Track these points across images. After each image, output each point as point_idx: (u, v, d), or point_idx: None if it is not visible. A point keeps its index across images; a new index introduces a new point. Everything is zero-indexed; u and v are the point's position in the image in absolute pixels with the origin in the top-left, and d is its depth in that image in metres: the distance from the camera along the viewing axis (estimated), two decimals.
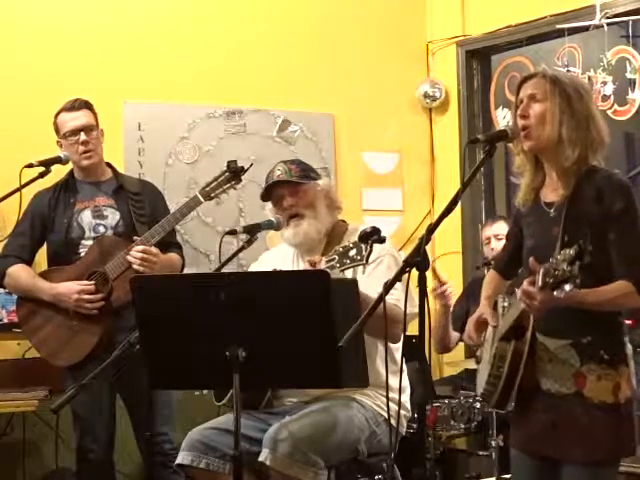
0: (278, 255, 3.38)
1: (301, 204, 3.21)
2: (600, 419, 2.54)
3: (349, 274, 2.96)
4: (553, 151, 2.62)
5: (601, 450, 2.55)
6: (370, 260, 2.69)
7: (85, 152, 3.67)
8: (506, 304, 2.75)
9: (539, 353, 2.63)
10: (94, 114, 3.75)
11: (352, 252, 2.70)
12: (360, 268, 2.82)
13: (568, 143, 2.58)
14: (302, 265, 3.23)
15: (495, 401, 2.68)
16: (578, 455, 2.55)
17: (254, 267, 3.45)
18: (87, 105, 3.73)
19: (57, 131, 3.73)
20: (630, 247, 2.53)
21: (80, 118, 3.68)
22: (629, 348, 2.64)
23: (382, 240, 2.59)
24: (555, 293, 2.29)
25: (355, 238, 2.69)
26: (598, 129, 2.61)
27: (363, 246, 2.65)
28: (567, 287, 2.24)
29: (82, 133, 3.66)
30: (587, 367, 2.56)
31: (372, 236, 2.58)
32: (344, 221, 3.34)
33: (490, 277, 2.98)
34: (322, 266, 2.79)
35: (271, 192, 3.28)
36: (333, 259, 2.76)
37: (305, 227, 3.20)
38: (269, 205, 3.32)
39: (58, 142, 3.73)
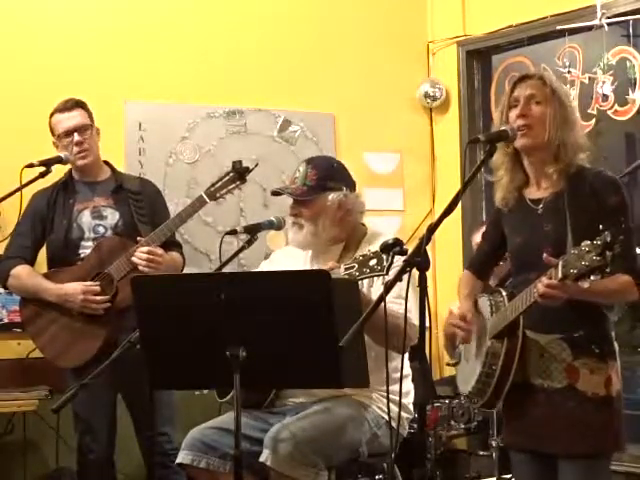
0: (290, 254, 3.34)
1: (304, 215, 3.15)
2: (594, 412, 2.59)
3: (366, 283, 2.95)
4: (545, 151, 2.69)
5: (596, 443, 2.59)
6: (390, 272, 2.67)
7: (80, 152, 3.66)
8: (492, 302, 2.76)
9: (530, 349, 2.67)
10: (88, 113, 3.72)
11: (372, 262, 2.70)
12: (379, 279, 2.81)
13: (566, 145, 2.66)
14: (315, 266, 3.18)
15: (486, 400, 2.72)
16: (574, 448, 2.59)
17: (264, 265, 3.43)
18: (80, 104, 3.71)
19: (52, 132, 3.72)
20: (626, 242, 2.55)
21: (73, 118, 3.66)
22: (615, 344, 2.68)
23: (404, 252, 2.56)
24: (580, 283, 2.32)
25: (374, 245, 2.68)
26: (582, 132, 2.76)
27: (384, 257, 2.63)
28: (592, 277, 2.28)
29: (76, 134, 3.64)
30: (580, 361, 2.61)
31: (394, 248, 2.56)
32: (363, 224, 3.26)
33: (465, 277, 3.02)
34: (341, 272, 2.78)
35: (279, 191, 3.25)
36: (352, 267, 2.75)
37: (299, 238, 3.17)
38: None
39: (54, 143, 3.72)
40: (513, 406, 2.73)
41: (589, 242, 2.27)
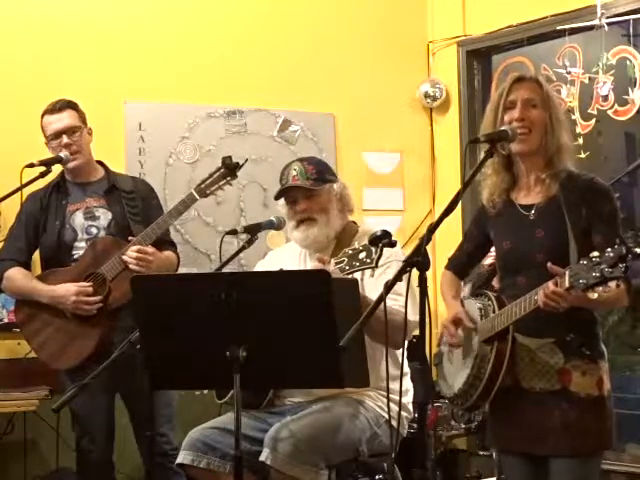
0: (286, 254, 3.36)
1: (314, 209, 3.17)
2: (588, 412, 2.61)
3: (357, 277, 2.95)
4: (540, 156, 2.70)
5: (590, 442, 2.61)
6: (379, 264, 2.68)
7: (69, 154, 3.64)
8: (480, 305, 2.76)
9: (520, 353, 2.68)
10: (79, 114, 3.68)
11: (362, 255, 2.70)
12: (369, 271, 2.81)
13: (561, 149, 2.68)
14: (310, 265, 3.21)
15: (472, 402, 2.73)
16: (570, 449, 2.60)
17: (260, 266, 3.44)
18: (70, 105, 3.67)
19: (43, 133, 3.70)
20: None
21: (62, 120, 3.62)
22: (603, 345, 2.70)
23: (393, 244, 2.58)
24: (588, 295, 2.34)
25: (365, 241, 2.68)
26: (570, 136, 2.77)
27: (373, 249, 2.64)
28: (600, 288, 2.29)
29: (64, 136, 3.61)
30: (572, 364, 2.63)
31: (382, 239, 2.57)
32: (354, 222, 3.32)
33: (449, 278, 3.02)
34: (331, 267, 2.78)
35: (285, 191, 3.25)
36: (342, 261, 2.75)
37: (315, 232, 3.17)
38: (282, 201, 3.28)
39: (46, 143, 3.69)
40: (504, 409, 2.74)
41: (597, 253, 2.28)
